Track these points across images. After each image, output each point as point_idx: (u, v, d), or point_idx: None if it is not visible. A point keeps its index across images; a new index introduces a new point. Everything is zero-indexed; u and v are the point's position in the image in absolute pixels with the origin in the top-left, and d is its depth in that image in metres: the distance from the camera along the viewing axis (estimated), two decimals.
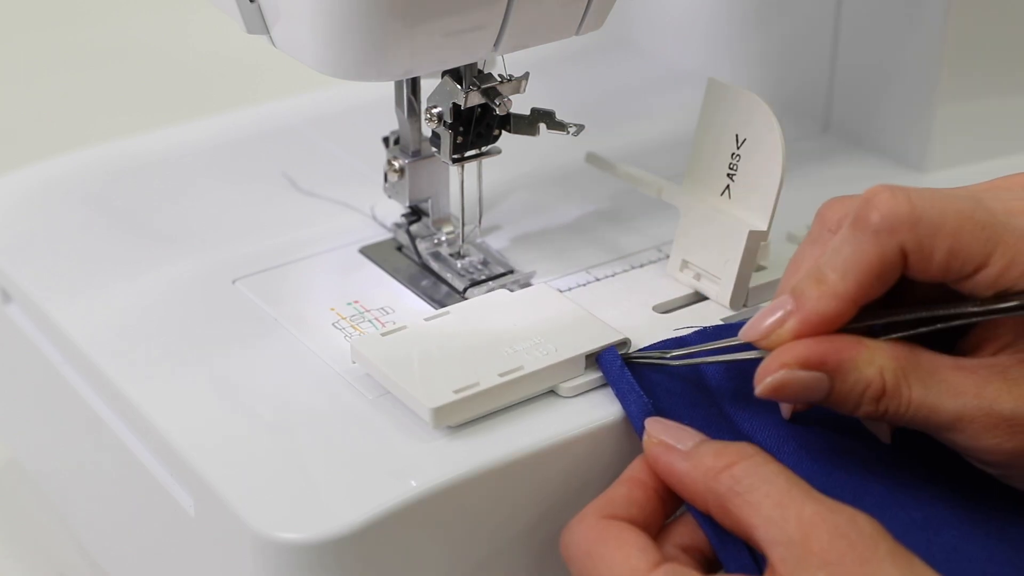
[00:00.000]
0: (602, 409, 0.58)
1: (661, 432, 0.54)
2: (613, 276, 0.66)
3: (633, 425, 0.56)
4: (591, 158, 0.68)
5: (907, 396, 0.51)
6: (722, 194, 0.63)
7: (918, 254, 0.51)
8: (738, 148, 0.62)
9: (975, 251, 0.51)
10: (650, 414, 0.55)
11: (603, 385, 0.59)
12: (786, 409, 0.56)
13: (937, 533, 0.51)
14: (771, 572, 0.49)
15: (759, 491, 0.50)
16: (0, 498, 0.77)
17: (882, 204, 0.51)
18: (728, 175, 0.63)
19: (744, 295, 0.63)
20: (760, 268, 0.64)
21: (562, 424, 0.57)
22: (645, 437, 0.54)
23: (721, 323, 0.62)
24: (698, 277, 0.64)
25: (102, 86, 1.16)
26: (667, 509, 0.54)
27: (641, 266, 0.67)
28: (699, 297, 0.64)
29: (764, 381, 0.52)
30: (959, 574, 0.50)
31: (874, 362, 0.52)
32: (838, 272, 0.52)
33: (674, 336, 0.60)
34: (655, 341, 0.60)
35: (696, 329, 0.60)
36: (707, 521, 0.52)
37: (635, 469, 0.54)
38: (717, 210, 0.63)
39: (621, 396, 0.57)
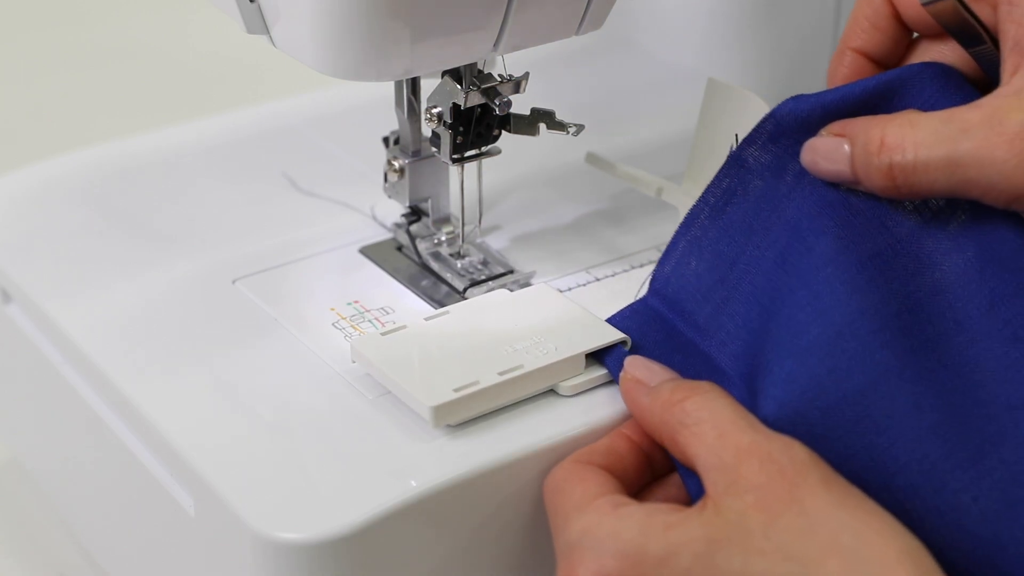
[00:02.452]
0: (602, 409, 0.58)
1: (636, 369, 0.56)
2: (613, 276, 0.66)
3: None
4: (591, 158, 0.68)
5: (910, 140, 0.54)
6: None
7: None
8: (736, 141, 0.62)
9: None
10: None
11: (603, 384, 0.59)
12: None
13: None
14: (705, 498, 0.50)
15: (705, 423, 0.52)
16: (0, 498, 0.77)
17: None
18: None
19: None
20: None
21: (562, 423, 0.57)
22: (621, 374, 0.56)
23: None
24: None
25: (102, 86, 1.16)
26: (652, 466, 0.56)
27: (641, 266, 0.67)
28: None
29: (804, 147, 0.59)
30: None
31: (879, 123, 0.56)
32: (849, 29, 0.61)
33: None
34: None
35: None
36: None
37: (626, 425, 0.56)
38: None
39: None
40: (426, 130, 0.66)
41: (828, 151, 0.58)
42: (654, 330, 0.60)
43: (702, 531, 0.49)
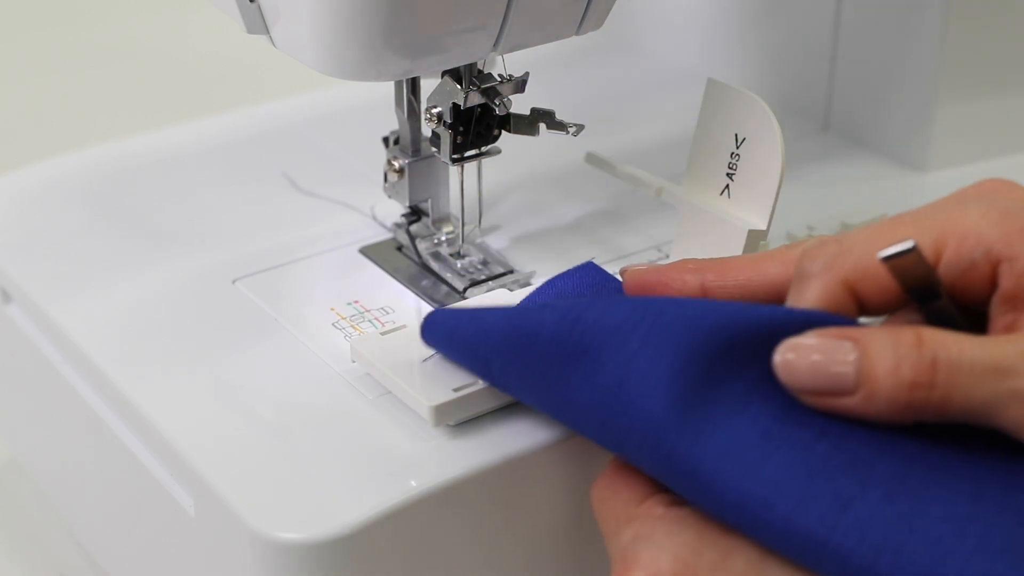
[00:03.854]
0: None
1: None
2: None
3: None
4: (591, 158, 0.68)
5: (953, 338, 0.47)
6: (721, 194, 0.63)
7: (864, 278, 0.50)
8: (737, 148, 0.62)
9: (919, 242, 0.49)
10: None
11: None
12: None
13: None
14: None
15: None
16: (0, 498, 0.77)
17: (812, 252, 0.51)
18: (727, 175, 0.63)
19: None
20: None
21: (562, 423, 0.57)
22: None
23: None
24: None
25: (102, 86, 1.16)
26: None
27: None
28: None
29: (782, 351, 0.49)
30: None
31: (904, 325, 0.49)
32: None
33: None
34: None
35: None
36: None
37: None
38: (716, 210, 0.63)
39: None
40: (426, 130, 0.66)
41: (827, 354, 0.48)
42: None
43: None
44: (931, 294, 0.49)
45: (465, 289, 0.65)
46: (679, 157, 0.69)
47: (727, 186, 0.63)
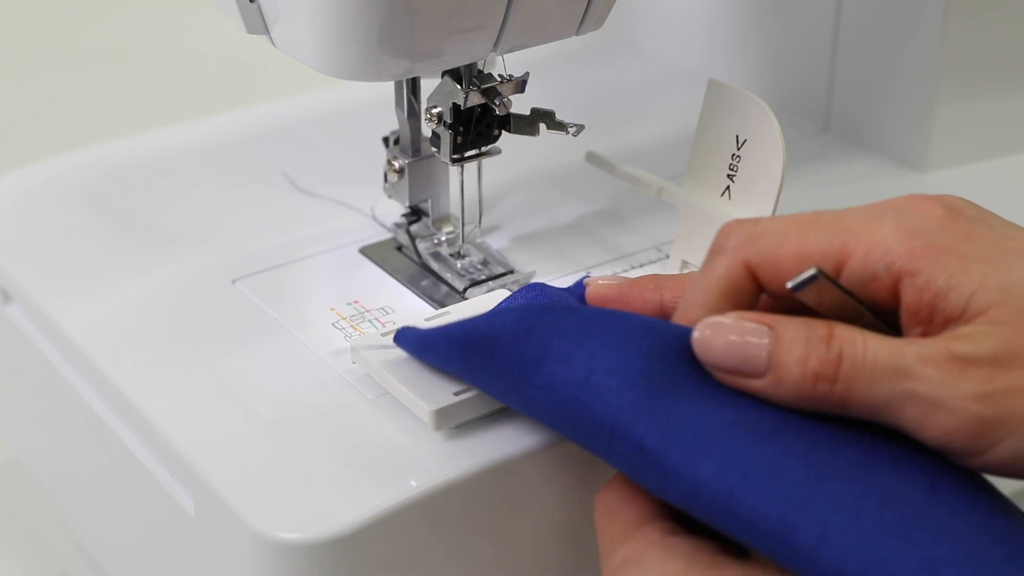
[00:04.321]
0: None
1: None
2: None
3: None
4: (591, 157, 0.68)
5: (861, 337, 0.49)
6: (722, 195, 0.63)
7: (766, 265, 0.51)
8: (738, 149, 0.62)
9: (825, 246, 0.50)
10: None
11: None
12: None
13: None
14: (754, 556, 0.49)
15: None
16: (0, 498, 0.77)
17: (730, 228, 0.52)
18: (728, 176, 0.63)
19: None
20: None
21: None
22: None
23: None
24: None
25: (102, 86, 1.16)
26: None
27: (641, 266, 0.67)
28: None
29: (698, 334, 0.51)
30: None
31: (818, 320, 0.50)
32: (689, 298, 0.52)
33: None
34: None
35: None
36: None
37: None
38: (717, 211, 0.63)
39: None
40: (426, 130, 0.66)
41: (741, 338, 0.50)
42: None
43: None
44: (850, 314, 0.50)
45: (465, 289, 0.65)
46: (679, 157, 0.69)
47: (728, 187, 0.63)
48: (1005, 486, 0.52)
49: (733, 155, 0.62)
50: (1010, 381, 0.48)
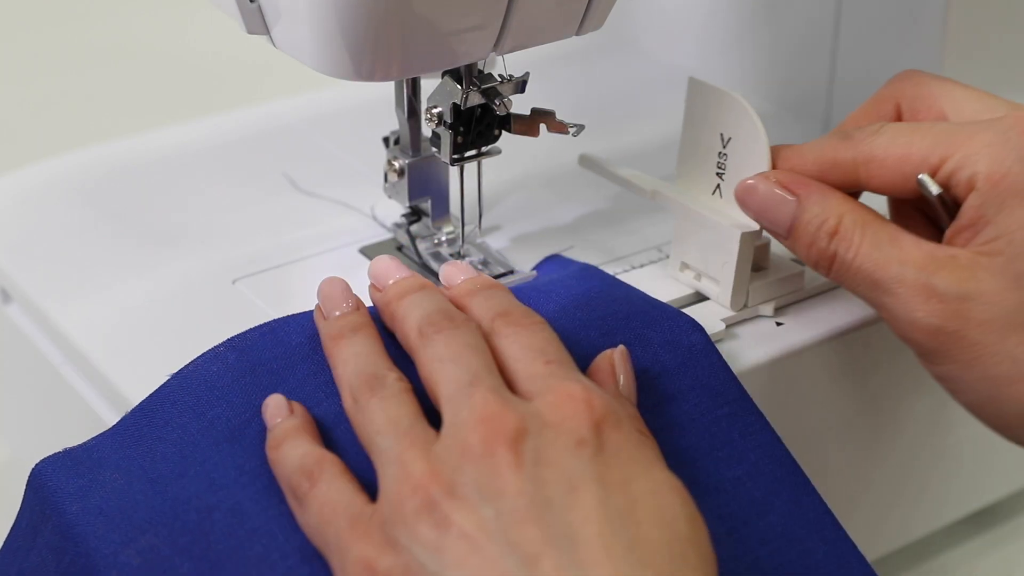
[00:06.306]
0: None
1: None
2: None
3: None
4: (584, 160, 0.68)
5: (857, 243, 0.57)
6: (713, 193, 0.63)
7: (871, 163, 0.59)
8: (724, 147, 0.62)
9: (927, 151, 0.57)
10: None
11: None
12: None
13: None
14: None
15: None
16: (0, 498, 0.77)
17: (863, 127, 0.60)
18: (717, 174, 0.63)
19: (744, 295, 0.63)
20: (760, 269, 0.64)
21: None
22: None
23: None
24: (698, 277, 0.64)
25: (102, 86, 1.16)
26: None
27: (641, 266, 0.67)
28: (700, 297, 0.64)
29: (742, 182, 0.60)
30: None
31: (839, 206, 0.58)
32: (803, 155, 0.60)
33: None
34: None
35: None
36: None
37: None
38: (710, 211, 0.63)
39: None
40: (426, 130, 0.66)
41: (772, 204, 0.59)
42: None
43: None
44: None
45: None
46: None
47: (718, 186, 0.63)
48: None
49: (720, 154, 0.62)
50: (960, 326, 0.55)
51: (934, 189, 0.56)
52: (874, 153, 0.58)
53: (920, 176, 0.57)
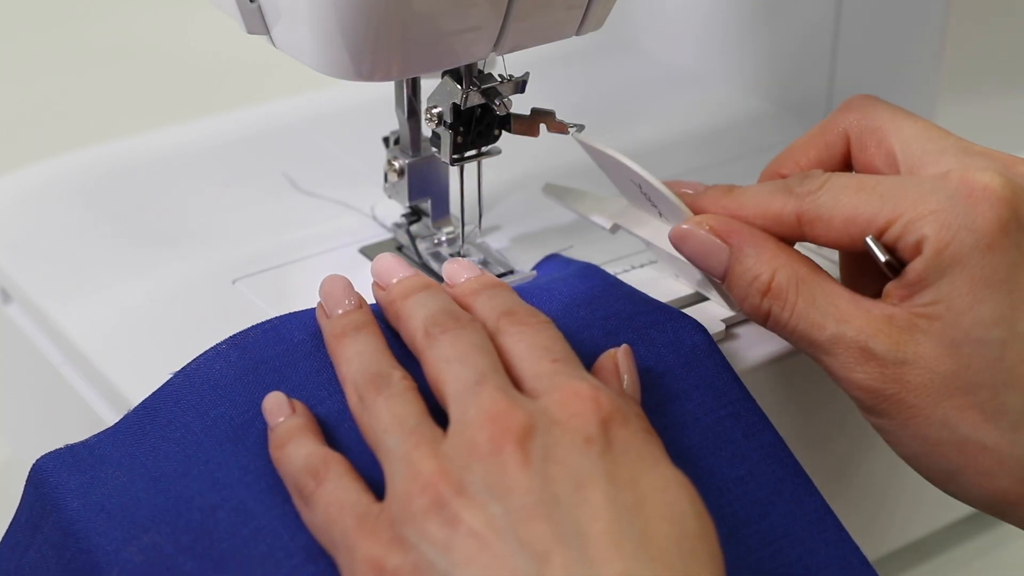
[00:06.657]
0: None
1: None
2: None
3: None
4: (549, 189, 0.67)
5: (792, 302, 0.56)
6: (660, 217, 0.62)
7: (817, 221, 0.57)
8: (642, 191, 0.61)
9: (873, 213, 0.55)
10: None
11: None
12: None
13: None
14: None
15: None
16: (0, 498, 0.77)
17: (802, 178, 0.57)
18: (652, 205, 0.62)
19: None
20: None
21: None
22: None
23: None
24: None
25: (102, 86, 1.16)
26: None
27: (641, 266, 0.67)
28: (700, 297, 0.64)
29: (676, 227, 0.59)
30: None
31: (772, 260, 0.57)
32: (744, 204, 0.58)
33: None
34: None
35: None
36: None
37: None
38: (662, 236, 0.62)
39: None
40: (426, 130, 0.66)
41: (705, 251, 0.58)
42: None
43: None
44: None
45: None
46: (679, 157, 0.69)
47: (660, 213, 0.62)
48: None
49: (642, 191, 0.61)
50: (897, 389, 0.55)
51: (882, 256, 0.55)
52: (819, 213, 0.56)
53: (867, 240, 0.55)
